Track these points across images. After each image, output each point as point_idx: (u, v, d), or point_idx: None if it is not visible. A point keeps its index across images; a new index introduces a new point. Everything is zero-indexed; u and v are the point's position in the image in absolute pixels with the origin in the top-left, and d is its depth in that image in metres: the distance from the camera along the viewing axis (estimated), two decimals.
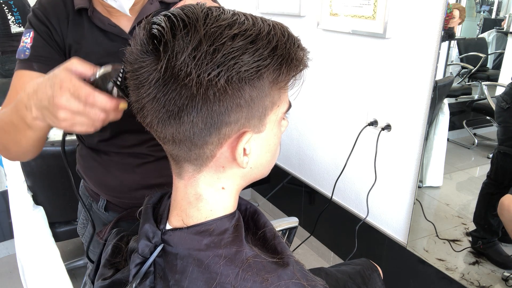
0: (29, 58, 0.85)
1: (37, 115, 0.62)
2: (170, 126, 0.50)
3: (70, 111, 0.58)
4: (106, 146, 0.96)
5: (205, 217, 0.56)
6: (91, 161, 0.99)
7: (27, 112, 0.64)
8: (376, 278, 1.07)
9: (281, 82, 0.51)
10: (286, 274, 0.53)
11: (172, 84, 0.47)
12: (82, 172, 1.04)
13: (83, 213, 1.10)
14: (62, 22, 0.87)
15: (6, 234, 2.26)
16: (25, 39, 0.87)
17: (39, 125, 0.66)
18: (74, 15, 0.88)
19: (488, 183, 1.62)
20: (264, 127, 0.53)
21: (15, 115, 0.68)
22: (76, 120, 0.59)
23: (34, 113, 0.63)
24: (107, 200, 1.01)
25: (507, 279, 1.55)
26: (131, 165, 0.96)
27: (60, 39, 0.88)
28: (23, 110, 0.65)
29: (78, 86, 0.56)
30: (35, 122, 0.65)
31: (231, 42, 0.46)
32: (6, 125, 0.73)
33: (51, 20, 0.87)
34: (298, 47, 0.51)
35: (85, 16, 0.88)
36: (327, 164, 2.08)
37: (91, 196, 1.06)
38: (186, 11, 0.48)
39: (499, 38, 1.71)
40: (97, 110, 0.58)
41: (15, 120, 0.69)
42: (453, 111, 1.76)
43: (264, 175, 0.61)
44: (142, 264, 0.55)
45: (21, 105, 0.65)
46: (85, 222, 1.11)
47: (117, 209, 1.02)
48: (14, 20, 3.41)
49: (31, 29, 0.87)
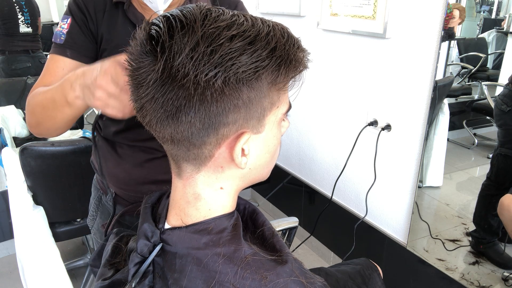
0: (63, 44, 0.91)
1: (79, 94, 0.72)
2: (169, 126, 0.50)
3: (106, 93, 0.67)
4: (121, 138, 0.99)
5: (204, 216, 0.56)
6: (106, 152, 1.02)
7: (70, 90, 0.74)
8: (376, 278, 1.07)
9: (280, 83, 0.51)
10: (285, 271, 0.53)
11: (170, 85, 0.47)
12: (95, 163, 1.07)
13: (93, 205, 1.13)
14: (99, 12, 0.92)
15: (6, 234, 2.26)
16: (63, 24, 0.93)
17: (78, 103, 0.75)
18: (110, 7, 0.92)
19: (488, 185, 1.62)
20: (263, 128, 0.53)
21: (59, 92, 0.77)
22: (110, 102, 0.67)
23: (77, 92, 0.73)
24: (115, 193, 1.03)
25: (507, 279, 1.55)
26: (141, 160, 0.98)
27: (94, 28, 0.92)
28: (68, 88, 0.75)
29: (119, 74, 0.64)
30: (75, 101, 0.75)
31: (229, 43, 0.46)
32: (47, 101, 0.82)
33: (88, 9, 0.92)
34: (298, 48, 0.51)
35: (121, 9, 0.92)
36: (327, 164, 2.08)
37: (101, 188, 1.08)
38: (185, 12, 0.49)
39: (499, 38, 1.71)
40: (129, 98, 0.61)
41: (57, 97, 0.78)
42: (453, 111, 1.76)
43: (263, 178, 0.60)
44: (141, 264, 0.55)
45: (67, 84, 0.75)
46: (94, 214, 1.13)
47: (124, 202, 1.03)
48: (24, 20, 3.45)
49: (69, 16, 0.92)
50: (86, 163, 1.62)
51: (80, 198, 1.72)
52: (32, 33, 3.54)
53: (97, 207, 1.10)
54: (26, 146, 1.52)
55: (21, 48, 3.48)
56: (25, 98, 2.50)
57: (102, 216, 1.10)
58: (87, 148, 1.59)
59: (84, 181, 1.67)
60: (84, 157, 1.61)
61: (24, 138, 2.34)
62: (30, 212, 1.63)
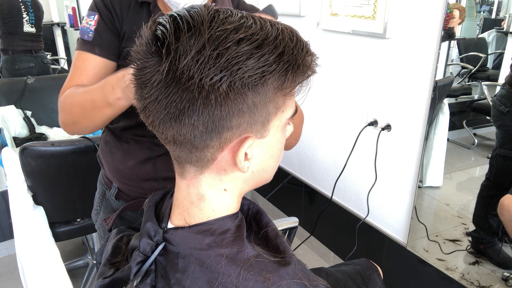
0: (92, 41, 0.92)
1: (121, 95, 0.77)
2: (171, 128, 0.50)
3: None
4: (129, 133, 1.00)
5: (207, 217, 0.56)
6: (113, 147, 1.03)
7: (112, 92, 0.78)
8: (376, 278, 1.07)
9: (286, 89, 0.50)
10: (287, 273, 0.53)
11: (174, 87, 0.47)
12: (102, 158, 1.08)
13: (97, 199, 1.13)
14: (124, 9, 0.92)
15: (6, 234, 2.26)
16: (90, 20, 0.92)
17: (120, 104, 0.79)
18: (135, 5, 0.93)
19: (487, 185, 1.62)
20: (267, 133, 0.53)
21: (99, 93, 0.81)
22: None
23: (118, 94, 0.77)
24: (118, 189, 1.04)
25: (507, 279, 1.55)
26: (146, 156, 0.99)
27: (119, 25, 0.93)
28: (109, 90, 0.78)
29: None
30: (117, 102, 0.79)
31: (236, 46, 0.45)
32: (86, 102, 0.85)
33: (114, 5, 0.92)
34: (307, 53, 0.50)
35: (146, 9, 0.92)
36: (327, 164, 2.08)
37: (106, 183, 1.09)
38: (192, 13, 0.48)
39: (499, 38, 1.71)
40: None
41: (98, 98, 0.81)
42: (453, 111, 1.76)
43: (267, 180, 0.60)
44: (143, 263, 0.55)
45: (108, 86, 0.78)
46: (98, 209, 1.14)
47: (126, 198, 1.04)
48: (28, 19, 3.46)
49: (96, 12, 0.92)
50: (86, 163, 1.62)
51: (80, 198, 1.72)
52: (35, 33, 3.54)
53: (101, 202, 1.11)
54: (26, 146, 1.52)
55: (23, 47, 3.48)
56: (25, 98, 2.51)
57: (105, 210, 1.11)
58: (87, 148, 1.59)
59: (84, 181, 1.67)
60: (84, 157, 1.61)
61: (24, 138, 2.33)
62: (30, 212, 1.63)
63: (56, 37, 4.76)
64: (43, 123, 2.54)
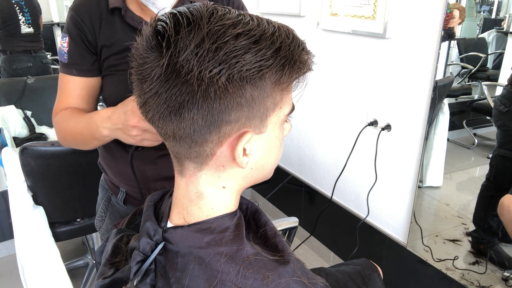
0: (67, 63, 0.94)
1: (108, 134, 0.83)
2: (171, 122, 0.50)
3: (140, 129, 0.76)
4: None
5: (206, 215, 0.56)
6: (115, 152, 1.02)
7: (97, 131, 0.84)
8: (376, 278, 1.07)
9: (284, 84, 0.51)
10: (286, 271, 0.53)
11: (174, 80, 0.47)
12: (104, 164, 1.07)
13: (101, 205, 1.12)
14: (95, 21, 0.91)
15: (6, 234, 2.26)
16: (63, 43, 0.94)
17: (106, 140, 0.87)
18: (107, 14, 0.91)
19: (487, 186, 1.62)
20: (265, 128, 0.53)
21: (86, 130, 0.87)
22: (145, 136, 0.77)
23: (104, 133, 0.83)
24: (126, 193, 1.03)
25: (507, 279, 1.55)
26: (152, 156, 0.98)
27: (93, 38, 0.92)
28: (94, 129, 0.84)
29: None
30: (104, 138, 0.85)
31: (234, 41, 0.46)
32: (76, 134, 0.91)
33: (84, 21, 0.91)
34: (303, 50, 0.51)
35: (118, 15, 0.91)
36: (327, 164, 2.08)
37: (111, 189, 1.08)
38: (192, 9, 0.49)
39: (499, 38, 1.71)
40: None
41: (86, 133, 0.88)
42: (453, 111, 1.77)
43: (266, 178, 0.61)
44: (143, 262, 0.55)
45: (94, 126, 0.84)
46: (103, 215, 1.13)
47: (135, 202, 1.03)
48: (25, 20, 3.44)
49: (66, 34, 0.93)
50: (86, 163, 1.63)
51: (80, 198, 1.72)
52: (34, 33, 3.52)
53: (106, 208, 1.09)
54: (26, 146, 1.52)
55: (22, 48, 3.47)
56: (25, 98, 2.52)
57: (112, 216, 1.09)
58: None
59: (84, 181, 1.67)
60: (84, 157, 1.61)
61: (24, 138, 2.34)
62: (30, 212, 1.63)
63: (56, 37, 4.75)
64: (43, 123, 2.54)
